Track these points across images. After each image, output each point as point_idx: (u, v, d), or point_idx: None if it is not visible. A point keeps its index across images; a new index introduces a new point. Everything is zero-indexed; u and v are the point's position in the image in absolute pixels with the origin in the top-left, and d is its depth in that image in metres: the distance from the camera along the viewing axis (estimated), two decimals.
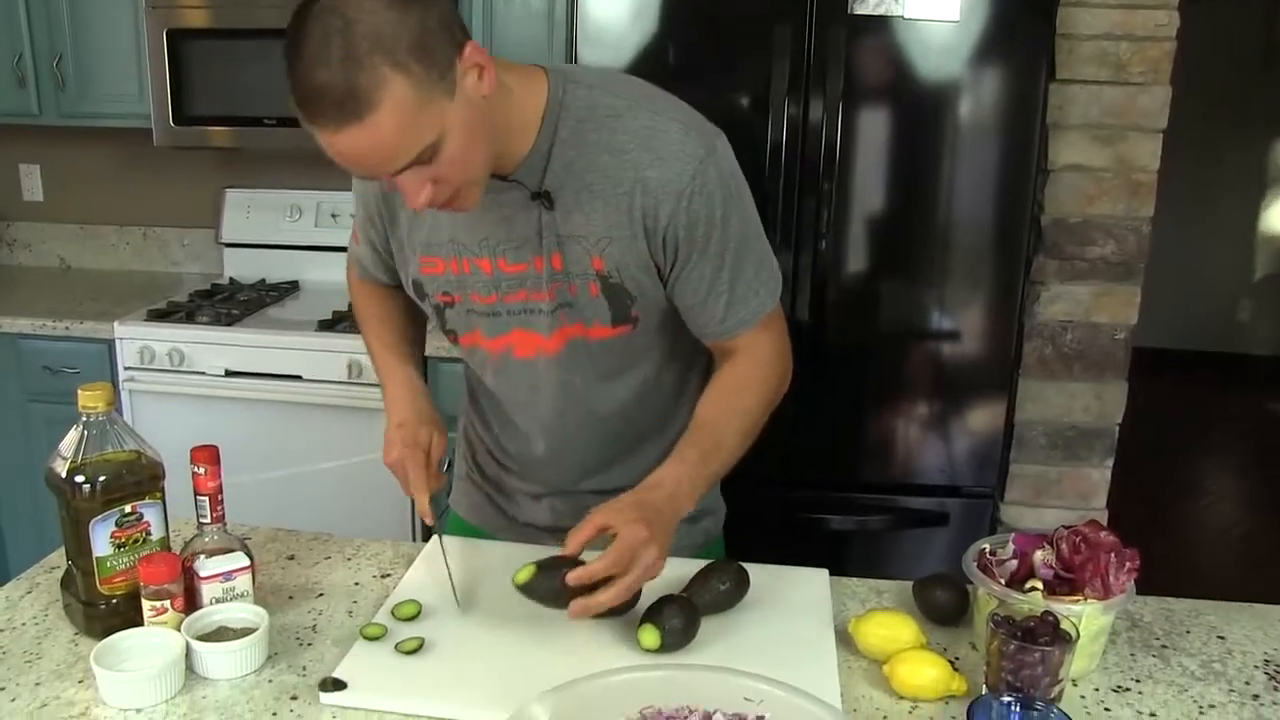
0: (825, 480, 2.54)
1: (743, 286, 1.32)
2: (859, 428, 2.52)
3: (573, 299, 1.32)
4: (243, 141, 2.89)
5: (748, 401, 1.33)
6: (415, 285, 1.42)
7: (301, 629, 1.30)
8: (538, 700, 0.99)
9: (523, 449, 1.51)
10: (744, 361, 1.35)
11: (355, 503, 2.72)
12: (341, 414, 2.70)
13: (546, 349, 1.37)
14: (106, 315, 2.84)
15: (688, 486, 1.25)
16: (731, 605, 1.31)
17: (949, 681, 1.17)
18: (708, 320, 1.34)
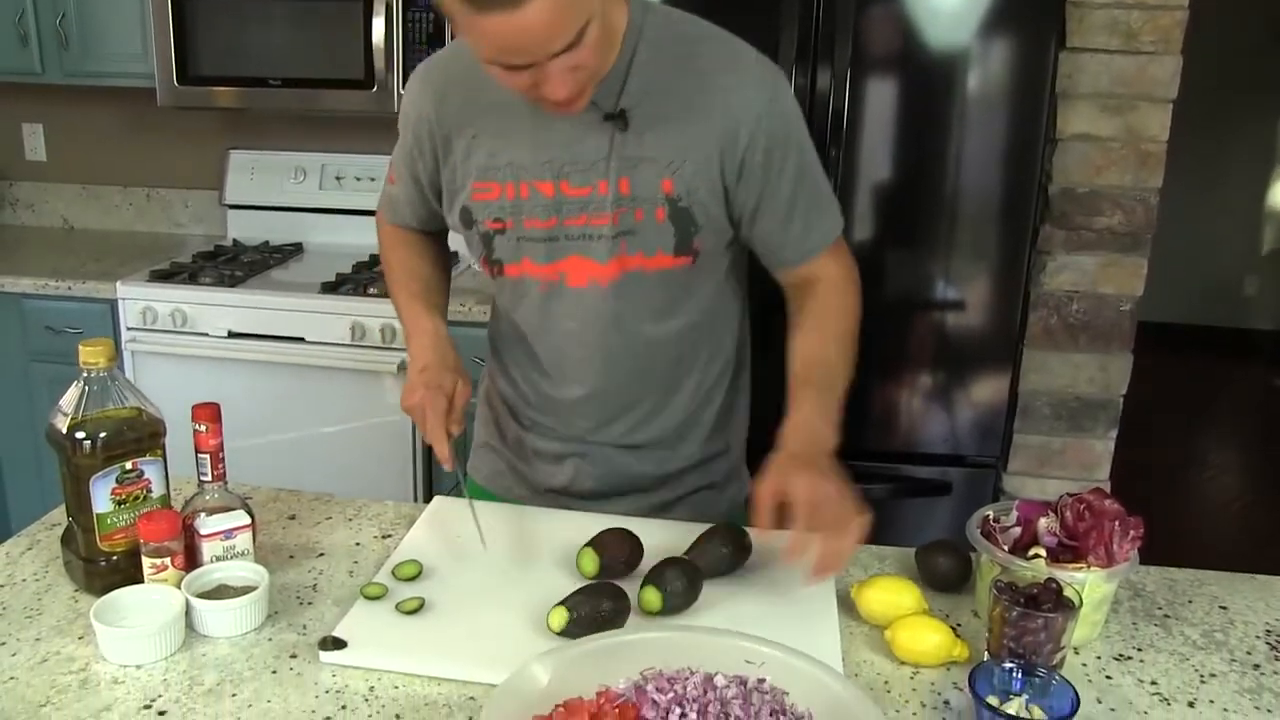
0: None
1: (818, 206, 1.38)
2: (862, 396, 2.48)
3: (636, 225, 1.32)
4: (248, 102, 2.87)
5: (845, 325, 1.39)
6: (463, 214, 1.40)
7: (302, 588, 1.30)
8: (538, 660, 0.99)
9: (555, 393, 1.49)
10: (827, 288, 1.40)
11: (358, 466, 2.73)
12: (344, 376, 2.69)
13: (601, 278, 1.36)
14: (109, 276, 2.83)
15: (820, 420, 1.27)
16: (733, 569, 1.31)
17: (951, 647, 1.17)
18: (789, 243, 1.38)
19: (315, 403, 2.74)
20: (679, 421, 1.49)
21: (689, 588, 1.22)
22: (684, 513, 1.51)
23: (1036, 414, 2.61)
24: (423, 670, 1.13)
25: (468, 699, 1.09)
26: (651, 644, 1.05)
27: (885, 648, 1.19)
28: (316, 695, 1.09)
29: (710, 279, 1.42)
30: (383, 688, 1.11)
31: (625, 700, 0.96)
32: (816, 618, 1.24)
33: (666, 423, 1.48)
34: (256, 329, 2.72)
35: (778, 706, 0.97)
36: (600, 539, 1.29)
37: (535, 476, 1.56)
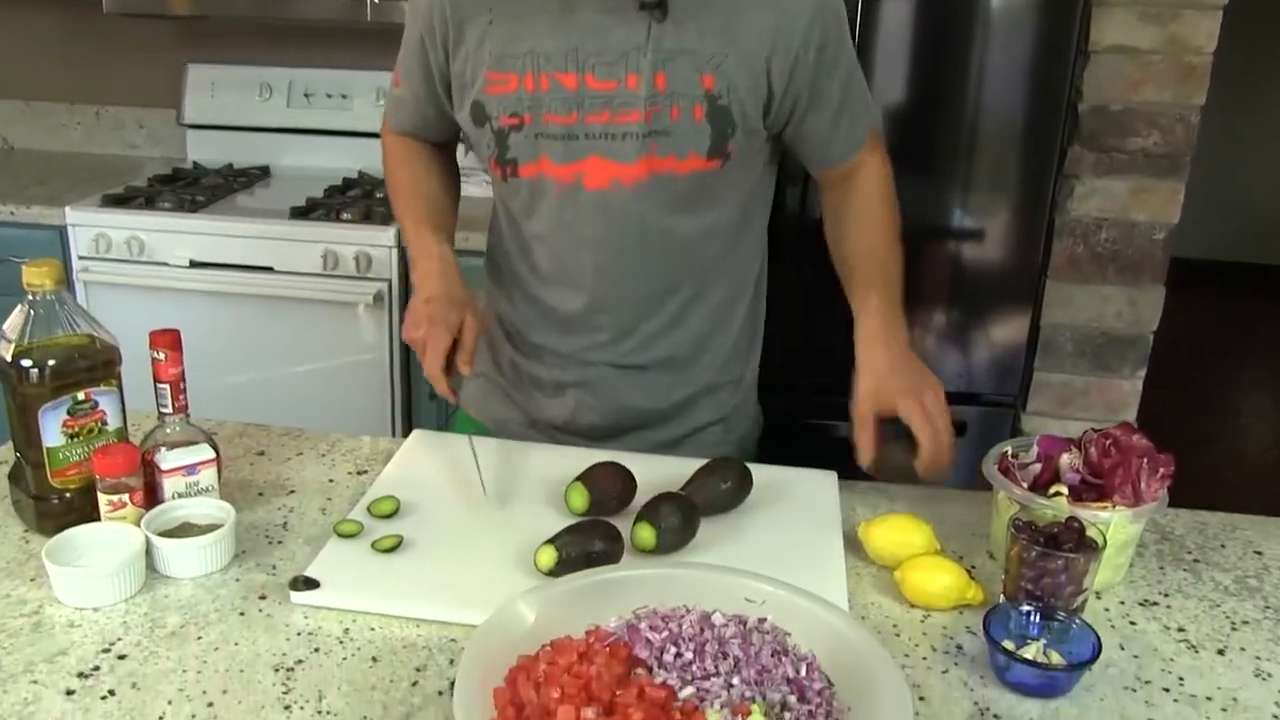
0: (833, 384, 2.51)
1: (863, 99, 1.42)
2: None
3: (672, 125, 1.32)
4: (205, 9, 2.83)
5: (890, 216, 1.45)
6: (475, 109, 1.39)
7: (271, 526, 1.30)
8: (523, 598, 1.00)
9: (562, 306, 1.48)
10: (867, 180, 1.45)
11: (331, 405, 2.72)
12: (316, 308, 2.68)
13: (625, 179, 1.35)
14: (56, 201, 2.80)
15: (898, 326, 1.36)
16: (733, 506, 1.32)
17: (964, 589, 1.17)
18: (837, 140, 1.41)
19: (285, 337, 2.73)
20: (692, 339, 1.49)
21: (685, 524, 1.23)
22: (695, 450, 1.51)
23: (1059, 351, 2.61)
24: (400, 611, 1.13)
25: (448, 641, 1.10)
26: (645, 581, 1.05)
27: (894, 589, 1.20)
28: (288, 638, 1.10)
29: (737, 187, 1.41)
30: (358, 630, 1.11)
31: (616, 639, 0.97)
32: (821, 557, 1.24)
33: (679, 340, 1.48)
34: (220, 258, 2.71)
35: (779, 647, 0.98)
36: (591, 473, 1.30)
37: (533, 409, 1.56)
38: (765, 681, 0.94)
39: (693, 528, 1.24)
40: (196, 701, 1.01)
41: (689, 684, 0.92)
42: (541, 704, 0.87)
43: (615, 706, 0.88)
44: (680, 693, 0.91)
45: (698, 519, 1.25)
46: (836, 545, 1.27)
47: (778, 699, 0.92)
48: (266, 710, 0.99)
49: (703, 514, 1.26)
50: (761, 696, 0.92)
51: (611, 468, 1.32)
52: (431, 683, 1.04)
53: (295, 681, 1.03)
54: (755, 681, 0.93)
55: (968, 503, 1.41)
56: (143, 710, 0.99)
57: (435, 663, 1.07)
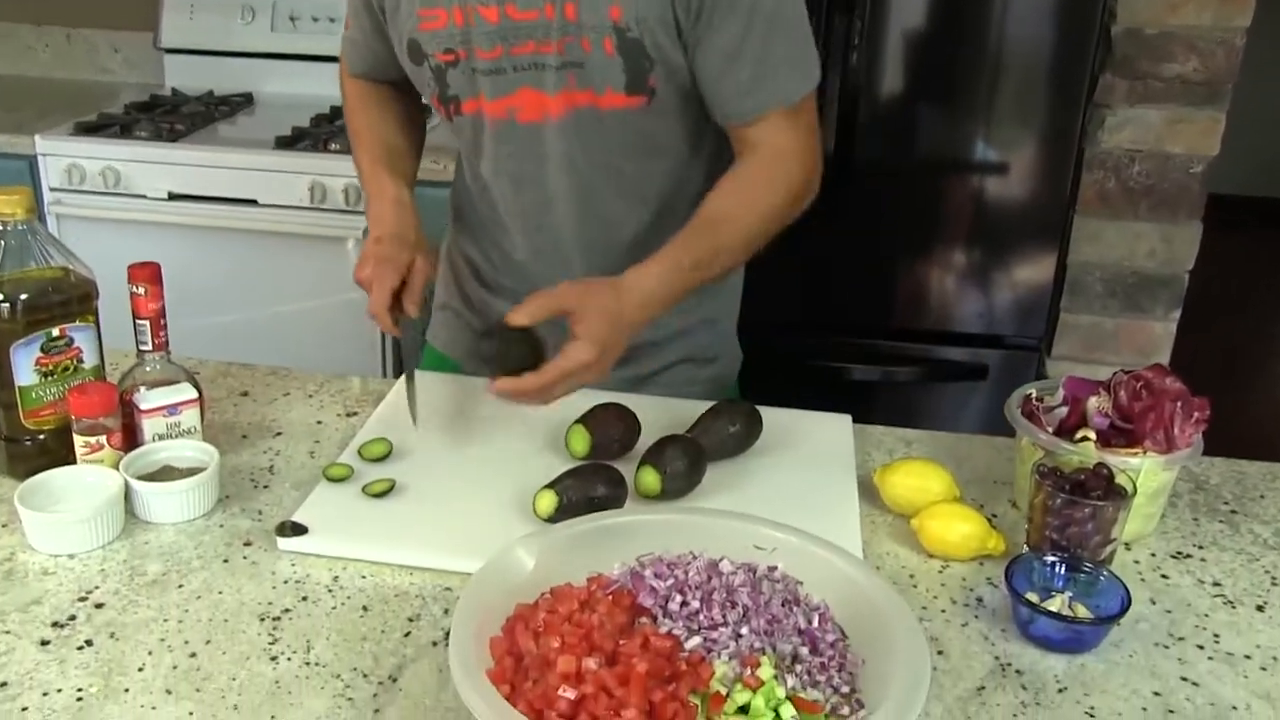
0: (849, 325, 2.55)
1: (772, 61, 1.32)
2: (889, 268, 2.51)
3: (585, 57, 1.31)
4: None
5: (761, 199, 1.35)
6: (412, 48, 1.40)
7: (257, 470, 1.30)
8: (522, 544, 1.00)
9: (513, 252, 1.51)
10: (763, 155, 1.36)
11: (319, 345, 2.72)
12: (303, 244, 2.67)
13: (552, 113, 1.36)
14: (25, 128, 2.78)
15: (662, 295, 1.27)
16: (742, 450, 1.32)
17: (985, 539, 1.17)
18: (729, 93, 1.34)
19: (270, 274, 2.72)
20: None
21: (691, 468, 1.23)
22: (664, 388, 1.53)
23: (1087, 291, 2.60)
24: (392, 558, 1.14)
25: (443, 590, 1.10)
26: (649, 526, 1.05)
27: (911, 538, 1.20)
28: (274, 586, 1.10)
29: (680, 126, 1.40)
30: (348, 577, 1.12)
31: (620, 587, 0.97)
32: (835, 504, 1.25)
33: None
34: (201, 190, 2.68)
35: (790, 596, 0.98)
36: (593, 415, 1.30)
37: None
38: (775, 632, 0.94)
39: (699, 472, 1.24)
40: (178, 652, 1.01)
41: (695, 634, 0.93)
42: (541, 654, 0.88)
43: (618, 657, 0.88)
44: (686, 643, 0.91)
45: (704, 463, 1.25)
46: (851, 492, 1.27)
47: (788, 650, 0.92)
48: (252, 661, 1.00)
49: (709, 458, 1.26)
50: (771, 648, 0.92)
51: (614, 409, 1.32)
52: (425, 633, 1.04)
53: (282, 631, 1.04)
54: (765, 632, 0.93)
55: (989, 448, 1.41)
56: (121, 661, 1.00)
57: (429, 612, 1.07)
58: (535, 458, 1.31)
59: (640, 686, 0.84)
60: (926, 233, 2.47)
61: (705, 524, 1.06)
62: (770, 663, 0.89)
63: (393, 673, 0.99)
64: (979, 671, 1.02)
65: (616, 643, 0.89)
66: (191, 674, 0.98)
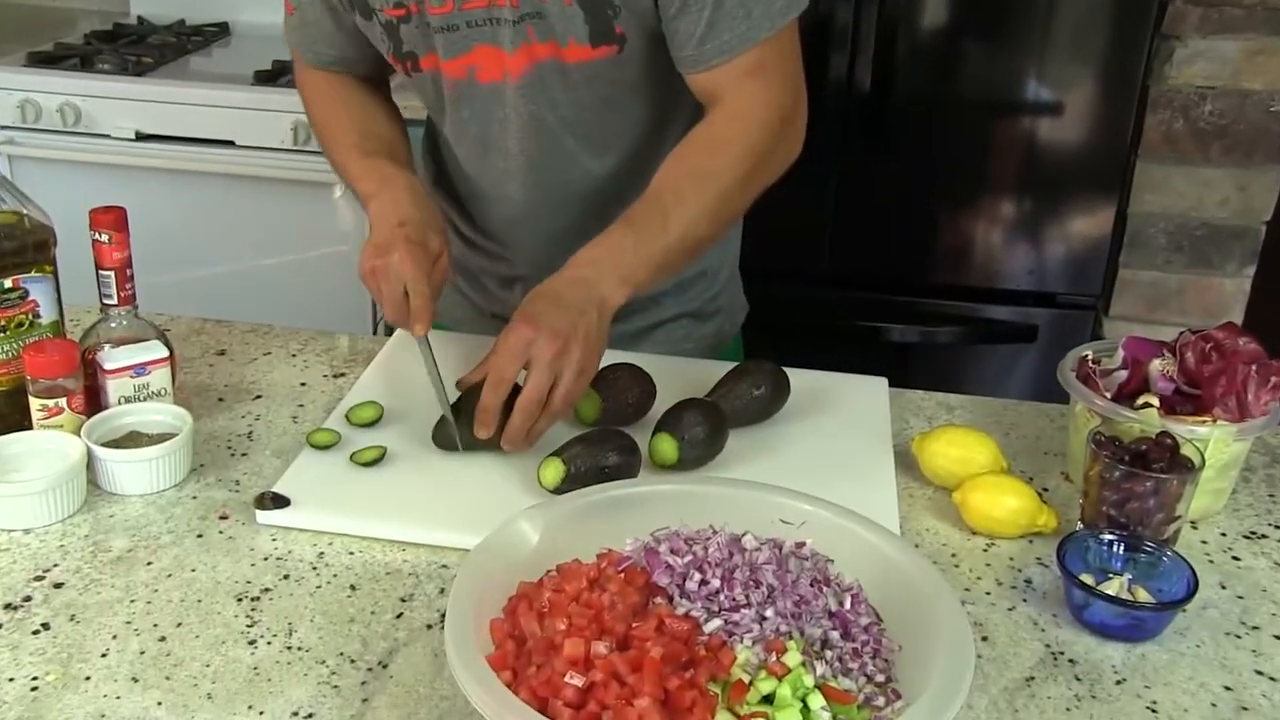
0: (884, 282, 2.55)
1: (737, 9, 1.27)
2: (928, 218, 2.50)
3: (542, 7, 1.29)
4: None
5: (715, 163, 1.31)
6: (361, 5, 1.38)
7: (234, 436, 1.30)
8: (526, 516, 1.00)
9: (488, 213, 1.52)
10: (721, 114, 1.33)
11: (305, 302, 2.70)
12: (285, 190, 2.67)
13: (511, 71, 1.35)
14: None
15: (610, 270, 1.24)
16: (766, 416, 1.32)
17: (1035, 514, 1.17)
18: (684, 36, 1.30)
19: (249, 223, 2.72)
20: None
21: (711, 436, 1.23)
22: (660, 345, 1.54)
23: (1149, 244, 2.59)
24: (383, 533, 1.14)
25: (439, 567, 1.10)
26: (665, 497, 1.05)
27: (953, 514, 1.20)
28: (253, 563, 1.10)
29: (656, 76, 1.37)
30: (334, 554, 1.12)
31: (632, 564, 0.97)
32: (869, 475, 1.25)
33: None
34: (172, 130, 2.68)
35: (819, 575, 0.98)
36: (603, 377, 1.29)
37: (482, 302, 1.60)
38: (804, 614, 0.94)
39: (720, 440, 1.24)
40: (146, 635, 1.01)
41: (715, 616, 0.92)
42: (546, 638, 0.87)
43: (631, 640, 0.88)
44: (706, 625, 0.91)
45: (726, 430, 1.25)
46: (887, 462, 1.27)
47: (818, 634, 0.92)
48: (228, 645, 1.00)
49: (731, 424, 1.26)
50: (799, 632, 0.92)
51: (626, 370, 1.32)
52: (419, 614, 1.04)
53: (261, 613, 1.04)
54: (792, 614, 0.93)
55: (1040, 415, 1.41)
56: (82, 646, 1.00)
57: (423, 591, 1.07)
58: None
59: (655, 673, 0.84)
60: (972, 179, 2.46)
61: (727, 495, 1.06)
62: (798, 648, 0.89)
63: (383, 658, 0.99)
64: (1028, 660, 1.02)
65: (629, 625, 0.89)
66: (160, 660, 0.99)
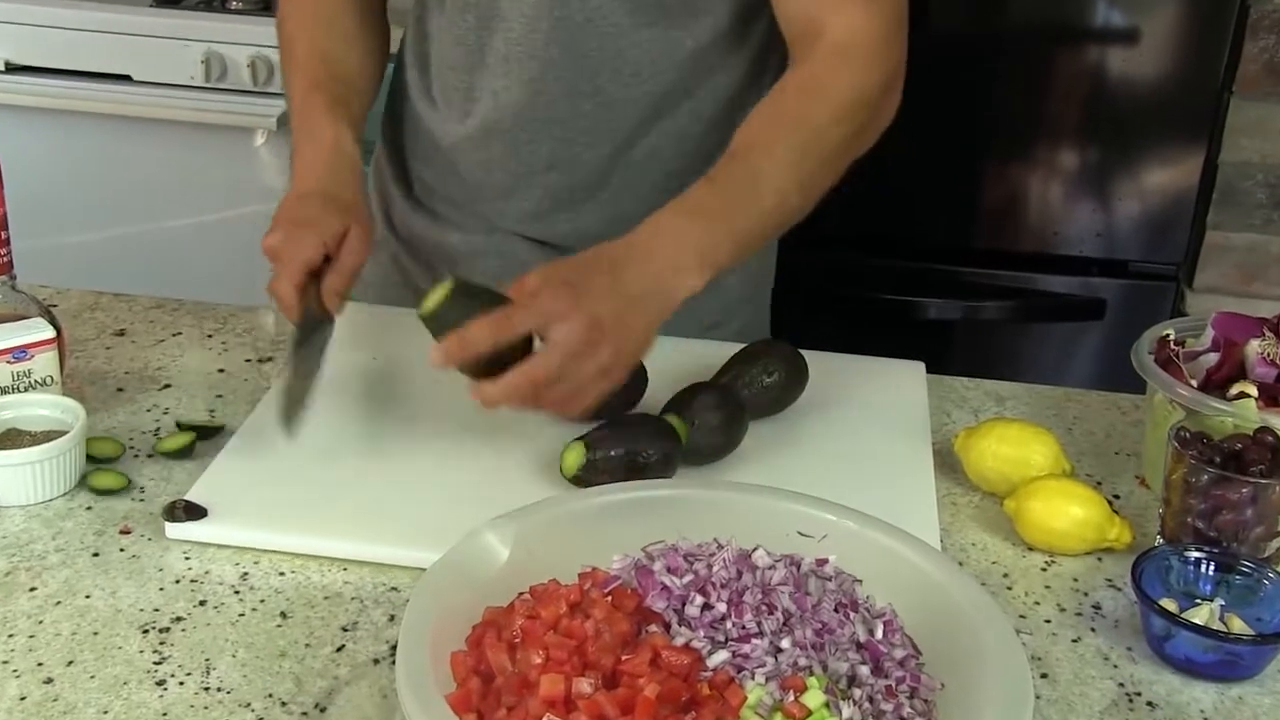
0: (921, 246, 2.55)
1: None
2: (973, 170, 2.51)
3: None
4: None
5: (818, 114, 1.29)
6: None
7: (138, 434, 1.30)
8: (493, 528, 1.00)
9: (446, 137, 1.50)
10: (823, 55, 1.31)
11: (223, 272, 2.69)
12: (197, 136, 2.66)
13: None
14: None
15: (690, 247, 1.20)
16: (781, 407, 1.33)
17: (1104, 526, 1.18)
18: None
19: (152, 176, 2.72)
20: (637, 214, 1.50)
21: (728, 425, 1.25)
22: None
23: (1244, 200, 2.59)
24: (321, 549, 1.14)
25: (387, 590, 1.10)
26: (660, 504, 1.05)
27: (1006, 526, 1.20)
28: (161, 587, 1.10)
29: None
30: (261, 574, 1.12)
31: (622, 585, 0.97)
32: (904, 479, 1.25)
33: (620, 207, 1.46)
34: (53, 61, 2.68)
35: (845, 599, 0.98)
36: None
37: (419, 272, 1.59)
38: (827, 646, 0.94)
39: (737, 430, 1.26)
40: (28, 678, 1.00)
41: (721, 647, 0.93)
42: (519, 674, 0.88)
43: (620, 677, 0.88)
44: (710, 659, 0.91)
45: (745, 419, 1.26)
46: (925, 463, 1.28)
47: (844, 670, 0.93)
48: (130, 687, 1.00)
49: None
50: (821, 666, 0.92)
51: None
52: (364, 647, 1.04)
53: (172, 648, 1.04)
54: (813, 645, 0.93)
55: (1110, 407, 1.41)
56: None
57: (369, 619, 1.07)
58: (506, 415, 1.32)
59: (649, 716, 0.84)
60: (1026, 123, 2.46)
61: (734, 502, 1.06)
62: (820, 686, 0.89)
63: (320, 700, 0.99)
64: (1097, 703, 1.02)
65: (618, 658, 0.89)
66: (46, 707, 0.98)
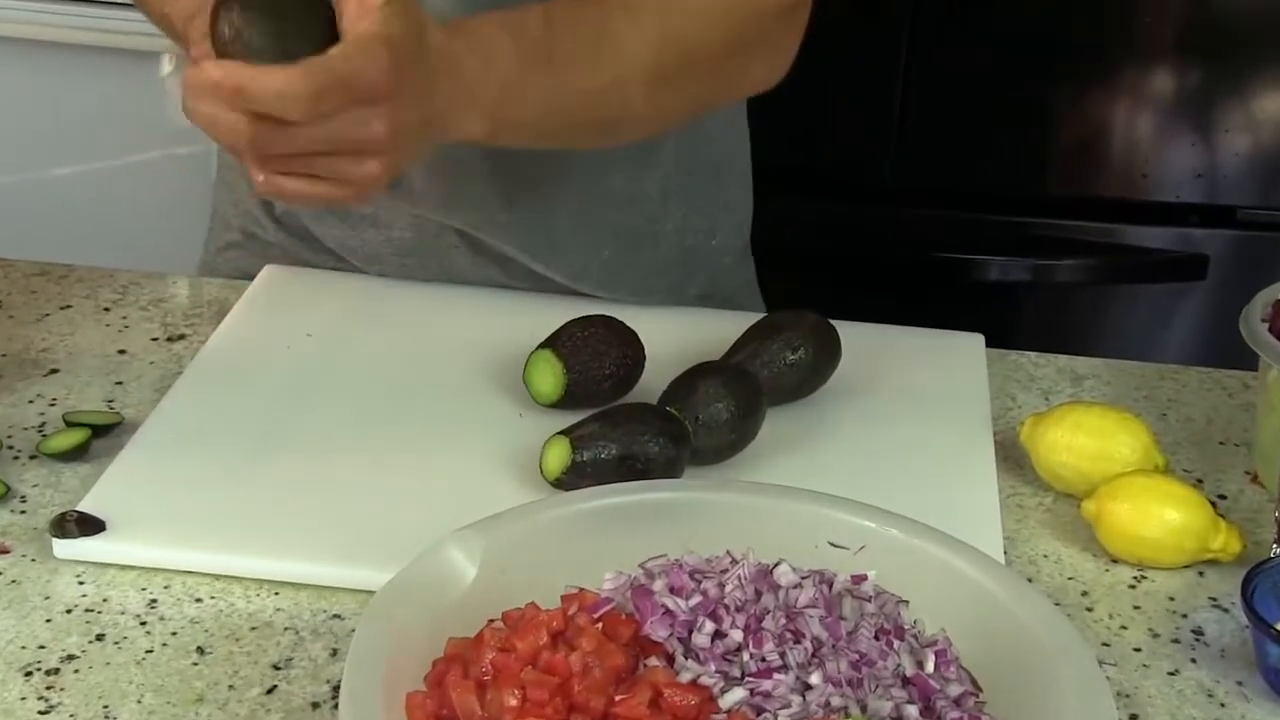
0: (975, 194, 2.55)
1: None
2: (1039, 99, 2.51)
3: None
4: None
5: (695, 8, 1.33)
6: None
7: (18, 431, 1.31)
8: (456, 540, 1.00)
9: None
10: None
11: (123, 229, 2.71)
12: (87, 62, 2.66)
13: None
14: None
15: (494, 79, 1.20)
16: (809, 390, 1.34)
17: (1207, 534, 1.18)
18: None
19: (30, 111, 2.72)
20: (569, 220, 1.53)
21: (742, 415, 1.25)
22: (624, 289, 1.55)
23: None
24: (247, 568, 1.14)
25: (329, 618, 1.11)
26: (661, 509, 1.05)
27: (1085, 533, 1.21)
28: (49, 618, 1.10)
29: None
30: (172, 601, 1.12)
31: (615, 609, 0.97)
32: (959, 476, 1.26)
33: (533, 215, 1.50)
34: None
35: (888, 624, 0.98)
36: (566, 335, 1.31)
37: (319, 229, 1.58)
38: (866, 681, 0.94)
39: (753, 422, 1.26)
40: None
41: (737, 684, 0.92)
42: (489, 717, 0.88)
43: None
44: (723, 698, 0.91)
45: (762, 407, 1.26)
46: (985, 457, 1.28)
47: (888, 710, 0.92)
48: None
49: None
50: (859, 706, 0.92)
51: (599, 324, 1.33)
52: (301, 688, 1.05)
53: (63, 692, 1.04)
54: (849, 681, 0.93)
55: (1213, 387, 1.42)
56: None
57: (307, 654, 1.07)
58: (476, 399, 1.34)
59: None
60: (1104, 38, 2.46)
61: (751, 506, 1.07)
62: None
63: None
64: None
65: (610, 699, 0.89)
66: None
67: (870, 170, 2.41)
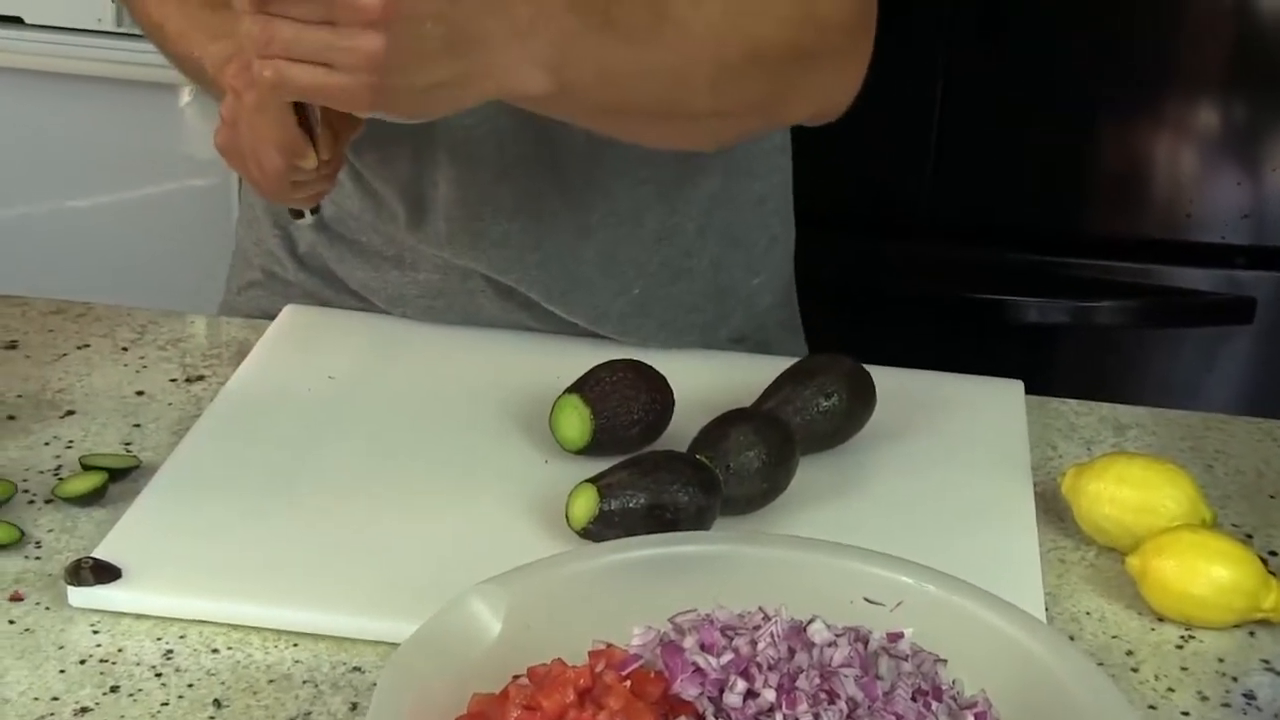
0: (1013, 232, 2.55)
1: None
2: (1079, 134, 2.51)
3: None
4: None
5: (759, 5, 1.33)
6: None
7: (33, 474, 1.30)
8: (481, 593, 1.00)
9: None
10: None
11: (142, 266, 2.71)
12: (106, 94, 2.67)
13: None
14: None
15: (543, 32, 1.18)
16: (842, 438, 1.34)
17: (1258, 592, 1.17)
18: None
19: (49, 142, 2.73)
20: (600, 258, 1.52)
21: (774, 463, 1.24)
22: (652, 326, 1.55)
23: None
24: (265, 619, 1.14)
25: (349, 671, 1.10)
26: (691, 563, 1.05)
27: (1129, 589, 1.20)
28: (62, 669, 1.10)
29: None
30: (189, 652, 1.12)
31: (644, 666, 0.96)
32: (998, 529, 1.26)
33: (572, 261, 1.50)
34: None
35: (925, 684, 0.97)
36: (594, 380, 1.31)
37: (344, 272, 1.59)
38: None
39: (785, 471, 1.25)
40: None
41: None
42: None
43: None
44: None
45: (795, 455, 1.26)
46: (1025, 509, 1.28)
47: None
48: None
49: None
50: None
51: (628, 370, 1.33)
52: None
53: None
54: None
55: (1262, 438, 1.41)
56: None
57: (326, 708, 1.07)
58: (501, 444, 1.33)
59: None
60: (1147, 73, 2.47)
61: (783, 560, 1.06)
62: None
63: None
64: None
65: None
66: None
67: (905, 209, 2.41)
